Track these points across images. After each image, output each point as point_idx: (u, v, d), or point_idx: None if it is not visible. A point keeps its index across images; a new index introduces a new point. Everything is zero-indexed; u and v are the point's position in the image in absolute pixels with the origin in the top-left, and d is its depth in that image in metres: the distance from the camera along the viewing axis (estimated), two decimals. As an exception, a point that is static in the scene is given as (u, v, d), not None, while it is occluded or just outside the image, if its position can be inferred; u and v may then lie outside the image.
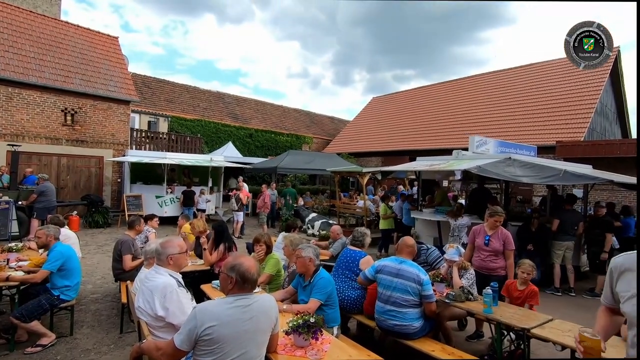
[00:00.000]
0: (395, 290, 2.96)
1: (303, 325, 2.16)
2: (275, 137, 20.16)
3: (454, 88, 19.74)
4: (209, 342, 1.73)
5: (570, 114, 13.50)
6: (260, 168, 13.78)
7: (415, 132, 18.08)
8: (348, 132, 22.72)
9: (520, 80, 16.88)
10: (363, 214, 10.65)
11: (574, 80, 14.77)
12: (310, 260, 2.94)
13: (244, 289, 1.88)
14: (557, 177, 5.75)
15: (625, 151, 11.38)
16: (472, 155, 7.57)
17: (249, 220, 11.41)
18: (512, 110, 15.50)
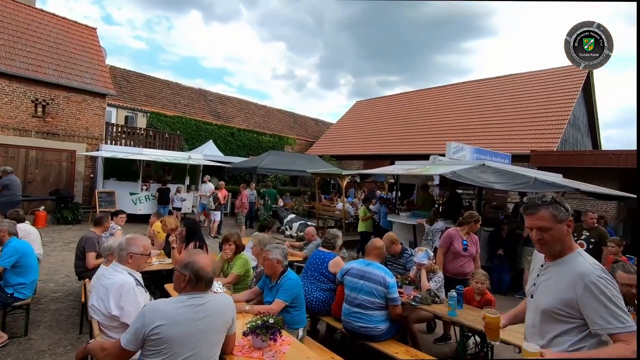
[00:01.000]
0: (361, 293, 2.95)
1: (261, 327, 2.11)
2: (258, 137, 19.98)
3: (434, 95, 20.11)
4: (157, 341, 1.67)
5: (545, 124, 13.95)
6: (240, 168, 13.61)
7: (397, 137, 18.29)
8: (331, 134, 22.78)
9: (498, 90, 17.35)
10: (342, 216, 10.66)
11: (548, 92, 15.29)
12: (278, 261, 2.89)
13: (198, 287, 1.83)
14: (527, 184, 5.91)
15: (594, 162, 11.84)
16: (448, 161, 7.71)
17: (227, 220, 11.24)
18: (489, 118, 15.89)
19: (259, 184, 12.84)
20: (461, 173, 6.20)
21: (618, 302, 1.32)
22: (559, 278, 1.46)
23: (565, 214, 1.46)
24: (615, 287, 1.36)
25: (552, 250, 1.50)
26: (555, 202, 1.47)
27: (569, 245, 1.49)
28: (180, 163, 11.34)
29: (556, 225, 1.45)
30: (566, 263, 1.47)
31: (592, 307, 1.34)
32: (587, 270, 1.39)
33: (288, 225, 9.83)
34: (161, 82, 18.97)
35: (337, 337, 3.74)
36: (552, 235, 1.46)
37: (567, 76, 15.52)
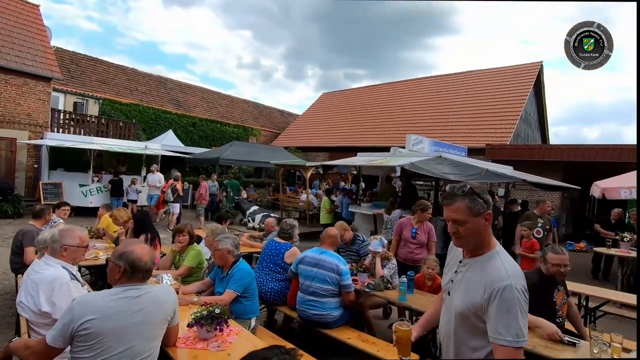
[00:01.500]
0: (314, 280, 2.97)
1: (206, 317, 2.06)
2: (221, 128, 19.42)
3: (398, 89, 20.54)
4: (87, 337, 1.57)
5: (499, 119, 14.69)
6: (201, 158, 13.19)
7: (361, 129, 18.51)
8: (297, 126, 22.65)
9: (456, 86, 18.02)
10: (306, 207, 10.67)
11: (503, 89, 16.10)
12: (229, 251, 2.83)
13: (134, 278, 1.73)
14: (479, 175, 6.21)
15: (542, 155, 12.67)
16: (408, 153, 7.91)
17: (188, 213, 10.88)
18: (448, 112, 16.49)
19: (222, 176, 12.52)
20: (419, 164, 6.38)
21: (518, 315, 1.23)
22: (473, 279, 1.36)
23: (482, 206, 1.34)
24: (522, 297, 1.26)
25: (469, 245, 1.40)
26: (474, 194, 1.35)
27: (487, 241, 1.39)
28: (136, 153, 10.78)
29: (471, 218, 1.33)
30: (482, 263, 1.37)
31: (492, 315, 1.26)
32: (498, 275, 1.29)
33: (251, 217, 9.68)
34: (116, 68, 17.85)
35: (294, 326, 3.75)
36: (467, 229, 1.35)
37: (520, 74, 16.41)
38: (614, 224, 7.38)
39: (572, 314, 2.79)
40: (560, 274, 2.59)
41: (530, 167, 10.89)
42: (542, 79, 16.88)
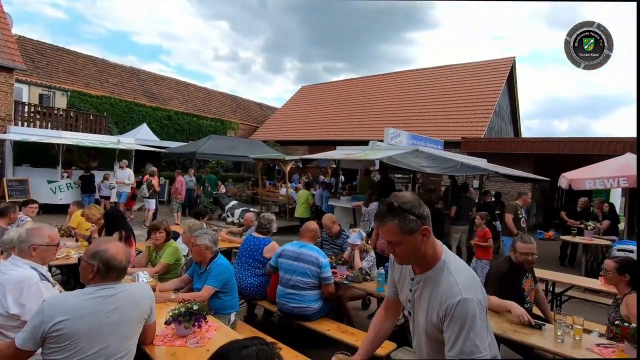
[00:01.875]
0: (295, 274, 2.99)
1: (184, 314, 2.04)
2: (198, 121, 18.99)
3: (376, 83, 20.70)
4: (60, 338, 1.52)
5: (474, 113, 15.09)
6: (178, 153, 12.87)
7: (340, 123, 18.58)
8: (276, 119, 22.46)
9: (433, 80, 18.35)
10: (285, 201, 10.66)
11: (477, 83, 16.51)
12: (207, 247, 2.80)
13: (109, 277, 1.69)
14: (454, 168, 6.38)
15: (514, 148, 13.13)
16: (386, 146, 8.02)
17: (164, 209, 10.63)
18: (425, 106, 16.79)
19: (199, 170, 12.29)
20: (397, 158, 6.50)
21: (471, 331, 1.17)
22: (430, 296, 1.29)
23: (415, 223, 1.23)
24: (476, 309, 1.19)
25: (410, 262, 1.35)
26: (404, 212, 1.23)
27: (432, 253, 1.30)
28: (108, 148, 10.40)
29: (406, 238, 1.24)
30: (433, 278, 1.30)
31: (447, 332, 1.22)
32: (450, 292, 1.22)
33: (230, 212, 9.58)
34: (84, 58, 17.07)
35: (274, 319, 3.76)
36: (404, 249, 1.27)
37: (494, 69, 16.88)
38: (580, 212, 7.78)
39: (539, 299, 2.94)
40: (528, 262, 2.72)
41: (503, 160, 11.27)
42: (515, 74, 17.42)
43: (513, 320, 2.48)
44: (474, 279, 1.30)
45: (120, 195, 9.21)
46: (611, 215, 7.61)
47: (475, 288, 1.26)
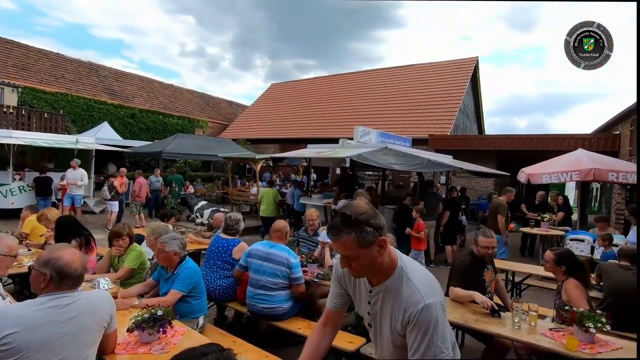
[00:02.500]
0: (264, 274, 2.96)
1: (148, 320, 1.97)
2: (164, 119, 18.34)
3: (346, 81, 20.88)
4: (9, 352, 1.43)
5: (440, 111, 15.58)
6: (143, 152, 12.38)
7: (311, 121, 18.60)
8: (246, 117, 22.12)
9: (401, 79, 18.76)
10: (256, 201, 10.53)
11: (443, 82, 17.05)
12: (175, 253, 2.72)
13: (63, 286, 1.61)
14: (421, 164, 6.57)
15: (478, 145, 13.70)
16: (356, 144, 8.11)
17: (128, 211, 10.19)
18: (393, 104, 17.13)
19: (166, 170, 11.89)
20: (366, 155, 6.59)
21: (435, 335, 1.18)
22: (393, 307, 1.27)
23: (372, 235, 1.17)
24: (438, 313, 1.20)
25: (366, 275, 1.30)
26: (360, 224, 1.16)
27: (387, 263, 1.26)
28: (65, 148, 9.81)
29: (363, 251, 1.18)
30: (393, 288, 1.27)
31: (410, 340, 1.21)
32: (413, 299, 1.21)
33: (199, 212, 9.33)
34: (37, 52, 15.99)
35: (245, 321, 3.72)
36: (361, 264, 1.21)
37: (458, 69, 17.49)
38: (538, 205, 8.25)
39: (499, 288, 3.11)
40: (489, 255, 2.87)
41: (468, 156, 11.74)
42: (478, 73, 18.16)
43: (475, 310, 2.60)
44: (432, 281, 1.29)
45: (73, 199, 8.64)
46: (565, 207, 8.13)
47: (435, 290, 1.25)
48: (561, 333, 2.21)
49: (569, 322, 2.17)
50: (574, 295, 2.54)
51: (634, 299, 3.01)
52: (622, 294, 2.92)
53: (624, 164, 7.89)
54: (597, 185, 13.76)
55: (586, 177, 6.96)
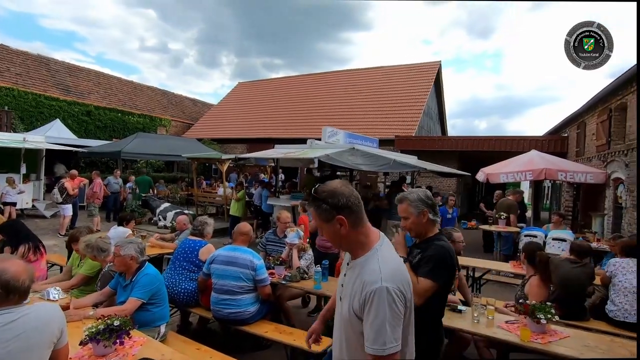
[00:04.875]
0: (228, 279, 2.90)
1: (103, 331, 1.86)
2: (123, 117, 17.44)
3: (314, 81, 20.95)
4: None
5: (405, 112, 16.00)
6: (100, 152, 11.70)
7: (279, 121, 18.45)
8: (212, 116, 21.54)
9: (368, 80, 19.09)
10: (223, 202, 10.30)
11: (408, 84, 17.54)
12: (132, 258, 2.60)
13: (8, 301, 1.48)
14: (388, 165, 6.71)
15: (441, 145, 14.24)
16: (324, 145, 8.13)
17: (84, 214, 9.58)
18: (361, 105, 17.39)
19: (125, 171, 11.33)
20: (334, 156, 6.62)
21: (386, 321, 1.17)
22: (355, 283, 1.28)
23: (329, 212, 1.26)
24: (393, 298, 1.19)
25: (341, 247, 1.39)
26: (317, 200, 1.28)
27: (361, 243, 1.32)
28: (11, 147, 9.08)
29: (323, 224, 1.29)
30: (362, 264, 1.30)
31: (365, 321, 1.22)
32: (371, 278, 1.22)
33: (161, 215, 8.98)
34: (-22, 43, 14.67)
35: (211, 326, 3.62)
36: (327, 234, 1.32)
37: (422, 71, 18.07)
38: (496, 203, 8.68)
39: (462, 285, 3.24)
40: (461, 248, 3.04)
41: (432, 156, 12.16)
42: (441, 76, 18.85)
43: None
44: (399, 270, 1.29)
45: None
46: (520, 205, 8.62)
47: (399, 278, 1.25)
48: (516, 325, 2.34)
49: (523, 315, 2.30)
50: (533, 292, 2.70)
51: (580, 291, 3.25)
52: (569, 286, 3.14)
53: (572, 164, 8.51)
54: (549, 184, 14.76)
55: (538, 177, 7.44)
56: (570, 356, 2.03)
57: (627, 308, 2.98)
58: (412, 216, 1.93)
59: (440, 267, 1.81)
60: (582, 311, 3.19)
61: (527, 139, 12.49)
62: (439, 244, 1.90)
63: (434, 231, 1.98)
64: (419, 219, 1.93)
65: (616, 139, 7.61)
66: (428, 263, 1.82)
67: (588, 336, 2.33)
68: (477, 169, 8.46)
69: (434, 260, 1.82)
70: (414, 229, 1.96)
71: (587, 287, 3.33)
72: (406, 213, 1.95)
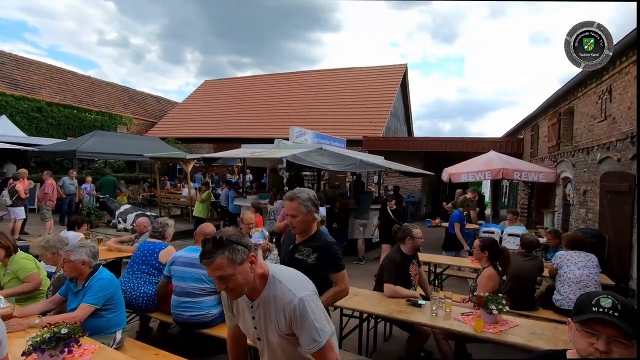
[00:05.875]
0: (189, 281, 2.82)
1: (49, 340, 1.74)
2: (79, 115, 16.44)
3: (283, 80, 20.85)
4: None
5: (373, 113, 16.31)
6: (53, 151, 10.98)
7: (246, 120, 18.18)
8: (176, 115, 20.84)
9: (337, 81, 19.28)
10: (188, 203, 10.00)
11: (376, 86, 17.90)
12: (84, 262, 2.45)
13: None
14: (354, 165, 6.82)
15: (407, 146, 14.65)
16: (292, 145, 8.12)
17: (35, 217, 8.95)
18: (329, 105, 17.53)
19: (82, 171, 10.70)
20: (301, 156, 6.64)
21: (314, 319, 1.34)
22: (271, 313, 1.38)
23: (244, 252, 1.31)
24: (311, 300, 1.36)
25: (243, 293, 1.38)
26: (231, 243, 1.29)
27: (260, 276, 1.38)
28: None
29: (237, 268, 1.29)
30: (269, 296, 1.38)
31: (298, 329, 1.35)
32: (288, 299, 1.34)
33: (121, 217, 8.58)
34: None
35: (173, 331, 3.50)
36: (237, 282, 1.30)
37: (389, 74, 18.50)
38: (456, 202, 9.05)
39: (422, 280, 3.35)
40: (421, 244, 3.11)
41: (399, 157, 12.48)
42: (407, 79, 19.39)
43: (399, 302, 2.77)
44: (300, 278, 1.47)
45: None
46: (480, 203, 9.05)
47: (304, 285, 1.43)
48: (471, 317, 2.45)
49: (477, 306, 2.42)
50: (482, 283, 2.84)
51: (530, 282, 3.46)
52: (520, 278, 3.34)
53: (527, 164, 9.06)
54: (507, 182, 15.59)
55: (496, 176, 7.85)
56: (519, 343, 2.16)
57: (571, 297, 3.21)
58: (301, 214, 2.09)
59: (340, 256, 2.12)
60: (532, 301, 3.41)
61: (487, 141, 13.15)
62: (326, 239, 2.16)
63: (315, 229, 2.18)
64: (307, 217, 2.11)
65: (565, 140, 8.18)
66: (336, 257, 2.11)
67: (535, 324, 2.48)
68: (442, 168, 8.78)
69: (336, 252, 2.11)
70: (300, 227, 2.13)
71: (536, 279, 3.55)
72: (296, 211, 2.09)
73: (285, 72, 21.95)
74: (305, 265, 2.11)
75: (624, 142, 5.29)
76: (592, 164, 6.43)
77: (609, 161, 5.81)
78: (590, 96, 6.80)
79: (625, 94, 5.42)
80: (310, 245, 2.14)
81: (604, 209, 5.72)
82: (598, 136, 6.31)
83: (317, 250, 2.12)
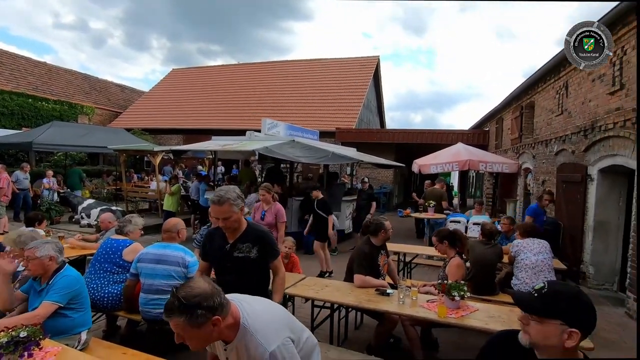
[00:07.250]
0: (157, 278, 2.76)
1: (7, 345, 1.67)
2: (36, 104, 15.41)
3: (253, 71, 20.45)
4: None
5: (346, 105, 16.38)
6: (5, 143, 10.25)
7: (217, 111, 17.75)
8: (143, 104, 19.99)
9: (309, 72, 19.16)
10: (157, 197, 9.70)
11: (348, 77, 17.94)
12: (51, 258, 2.35)
13: None
14: (327, 157, 6.86)
15: (380, 137, 14.87)
16: (263, 137, 8.03)
17: None
18: (301, 97, 17.42)
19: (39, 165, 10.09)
20: (273, 149, 6.59)
21: None
22: (244, 359, 1.35)
23: (204, 317, 1.22)
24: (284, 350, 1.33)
25: (201, 348, 1.36)
26: (191, 308, 1.20)
27: (230, 326, 1.32)
28: None
29: (194, 332, 1.22)
30: (240, 345, 1.34)
31: None
32: (259, 353, 1.29)
33: (85, 212, 8.19)
34: None
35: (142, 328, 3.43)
36: (196, 341, 1.27)
37: (362, 65, 18.59)
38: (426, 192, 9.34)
39: (390, 270, 3.47)
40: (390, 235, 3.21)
41: (371, 148, 12.66)
42: (379, 70, 19.57)
43: (368, 291, 2.86)
44: (273, 322, 1.40)
45: None
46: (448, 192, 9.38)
47: (277, 332, 1.36)
48: (435, 303, 2.58)
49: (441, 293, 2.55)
50: (452, 272, 2.99)
51: (491, 269, 3.67)
52: (481, 264, 3.54)
53: (491, 156, 9.47)
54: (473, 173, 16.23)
55: (463, 167, 8.17)
56: (478, 327, 2.31)
57: (527, 282, 3.44)
58: (234, 214, 2.05)
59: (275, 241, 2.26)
60: (493, 286, 3.61)
61: (455, 133, 13.59)
62: (258, 228, 2.25)
63: (245, 222, 2.19)
64: (240, 215, 2.09)
65: (526, 133, 8.62)
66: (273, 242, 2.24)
67: (493, 308, 2.65)
68: (413, 159, 9.01)
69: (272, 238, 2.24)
70: (231, 226, 2.10)
71: (497, 265, 3.77)
72: (230, 212, 2.03)
73: (256, 62, 21.56)
74: (248, 261, 2.13)
75: (577, 135, 5.66)
76: (550, 155, 6.83)
77: (564, 153, 6.20)
78: (549, 91, 7.18)
79: (580, 90, 5.78)
80: (248, 240, 2.13)
81: (559, 198, 6.11)
82: (555, 129, 6.70)
83: (256, 242, 2.13)
